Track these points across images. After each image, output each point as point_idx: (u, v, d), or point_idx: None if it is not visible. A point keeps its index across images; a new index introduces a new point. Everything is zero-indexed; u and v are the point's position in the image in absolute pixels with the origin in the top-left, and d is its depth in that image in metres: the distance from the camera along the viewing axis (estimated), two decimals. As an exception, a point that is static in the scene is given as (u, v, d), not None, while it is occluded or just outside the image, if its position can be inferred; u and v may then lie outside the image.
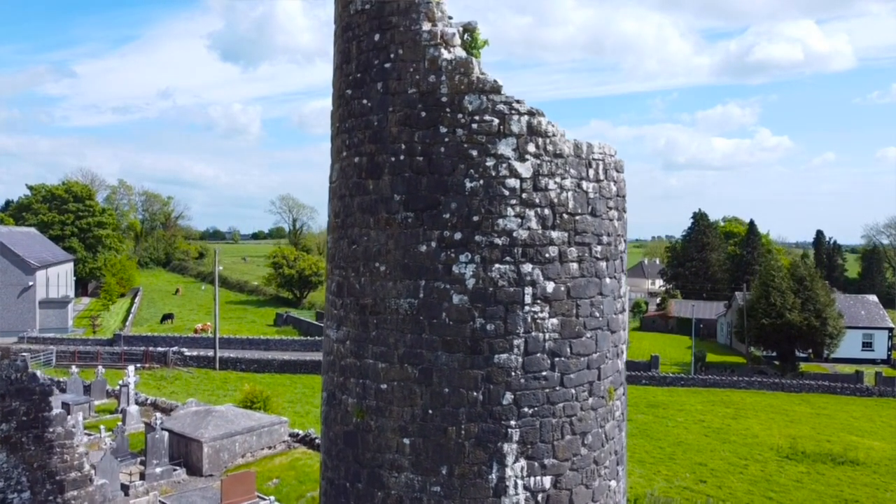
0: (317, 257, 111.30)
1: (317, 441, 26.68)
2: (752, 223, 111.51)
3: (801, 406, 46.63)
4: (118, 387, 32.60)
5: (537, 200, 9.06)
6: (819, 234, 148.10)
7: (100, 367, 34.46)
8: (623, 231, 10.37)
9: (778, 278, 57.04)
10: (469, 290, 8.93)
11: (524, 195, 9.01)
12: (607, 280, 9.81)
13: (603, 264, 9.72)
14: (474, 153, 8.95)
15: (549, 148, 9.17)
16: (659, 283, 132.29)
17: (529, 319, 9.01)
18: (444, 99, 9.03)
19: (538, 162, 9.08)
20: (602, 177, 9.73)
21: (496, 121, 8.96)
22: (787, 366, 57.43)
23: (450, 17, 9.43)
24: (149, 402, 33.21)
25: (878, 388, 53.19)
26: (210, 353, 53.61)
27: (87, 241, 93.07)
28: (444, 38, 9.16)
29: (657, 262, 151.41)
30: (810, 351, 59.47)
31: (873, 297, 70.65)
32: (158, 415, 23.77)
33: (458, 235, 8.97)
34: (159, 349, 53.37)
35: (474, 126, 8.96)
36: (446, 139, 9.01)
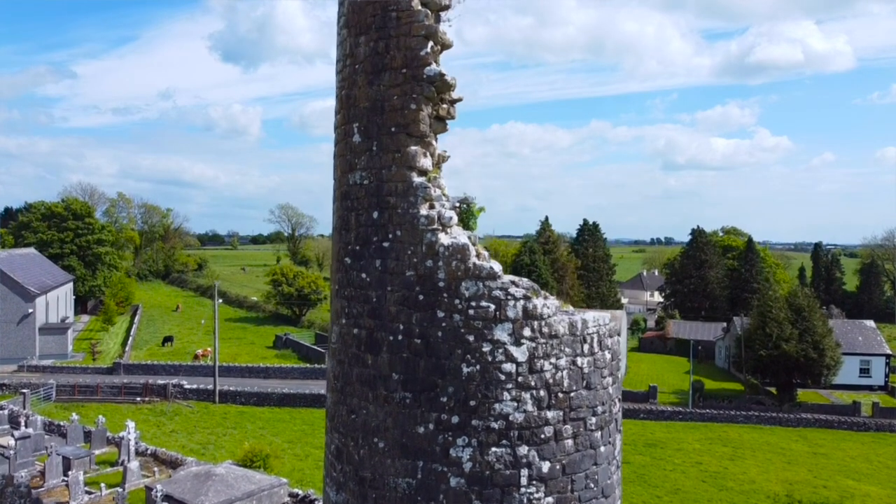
0: (316, 273, 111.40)
1: (316, 503, 26.85)
2: (750, 240, 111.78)
3: (797, 443, 46.81)
4: (119, 435, 32.79)
5: (533, 383, 9.22)
6: (817, 246, 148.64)
7: (101, 417, 34.69)
8: (617, 393, 10.54)
9: (776, 309, 57.22)
10: (466, 474, 9.10)
11: (520, 378, 9.17)
12: (602, 449, 9.96)
13: (598, 434, 9.88)
14: (471, 338, 9.12)
15: (545, 330, 9.33)
16: (658, 296, 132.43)
17: (526, 501, 9.16)
18: (441, 284, 9.20)
19: (534, 345, 9.23)
20: (597, 349, 9.89)
21: (492, 307, 9.12)
22: (785, 396, 57.66)
23: (447, 198, 9.62)
24: (149, 452, 33.33)
25: (874, 420, 53.51)
26: (209, 384, 53.73)
27: (86, 258, 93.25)
28: (442, 220, 9.34)
29: (655, 272, 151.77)
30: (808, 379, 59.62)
31: (871, 323, 70.89)
32: (159, 486, 23.92)
33: (455, 419, 9.13)
34: (159, 381, 53.50)
35: (471, 312, 9.12)
36: (443, 324, 9.18)
